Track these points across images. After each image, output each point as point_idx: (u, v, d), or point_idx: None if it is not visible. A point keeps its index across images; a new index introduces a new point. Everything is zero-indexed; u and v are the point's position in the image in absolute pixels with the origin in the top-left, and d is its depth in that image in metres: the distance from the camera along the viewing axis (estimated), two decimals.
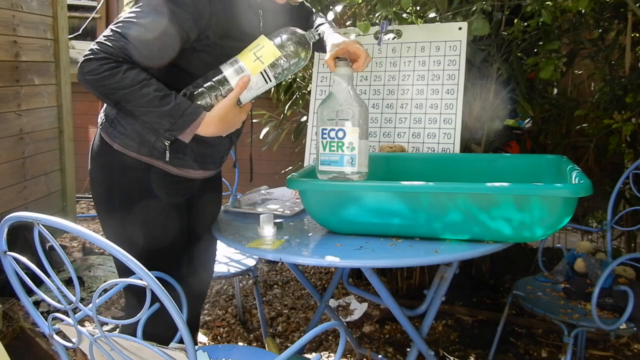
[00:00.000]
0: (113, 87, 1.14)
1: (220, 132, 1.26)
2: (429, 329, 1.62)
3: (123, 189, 1.32)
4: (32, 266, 0.89)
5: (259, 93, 1.31)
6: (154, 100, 1.15)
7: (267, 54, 1.25)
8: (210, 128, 1.23)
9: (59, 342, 0.98)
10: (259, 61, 1.25)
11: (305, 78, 3.04)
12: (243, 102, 1.29)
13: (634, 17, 2.39)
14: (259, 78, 1.27)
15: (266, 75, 1.27)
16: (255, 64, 1.25)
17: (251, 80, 1.26)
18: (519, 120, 2.74)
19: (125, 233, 1.32)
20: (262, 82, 1.28)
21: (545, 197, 1.24)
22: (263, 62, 1.25)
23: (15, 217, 0.87)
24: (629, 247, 2.69)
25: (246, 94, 1.28)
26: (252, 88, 1.27)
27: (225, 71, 1.25)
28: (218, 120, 1.23)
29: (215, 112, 1.23)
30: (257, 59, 1.25)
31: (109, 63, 1.13)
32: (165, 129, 1.19)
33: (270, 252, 1.33)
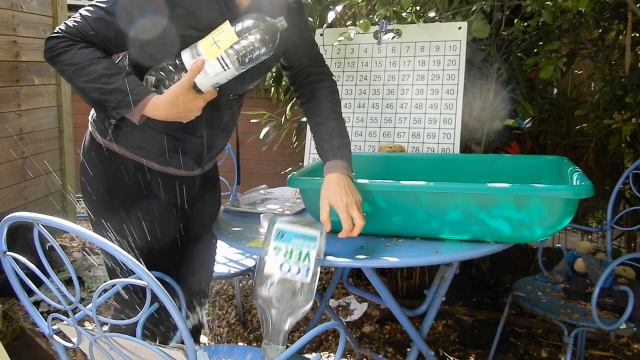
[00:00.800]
0: (66, 64, 1.18)
1: (171, 116, 1.21)
2: (429, 329, 1.62)
3: (108, 184, 1.34)
4: (32, 266, 0.88)
5: (219, 80, 1.22)
6: (102, 78, 1.17)
7: (225, 39, 1.17)
8: (158, 110, 1.19)
9: (59, 342, 0.98)
10: (215, 46, 1.17)
11: None
12: (201, 88, 1.21)
13: (634, 17, 2.39)
14: (215, 63, 1.18)
15: (223, 61, 1.18)
16: (212, 49, 1.18)
17: (207, 65, 1.18)
18: (519, 120, 2.74)
19: (113, 229, 1.32)
20: (219, 68, 1.19)
21: (545, 198, 1.24)
22: (220, 47, 1.17)
23: (15, 217, 0.87)
24: (629, 247, 2.68)
25: (203, 80, 1.20)
26: (209, 74, 1.19)
27: (183, 55, 1.20)
28: (167, 103, 1.18)
29: (165, 94, 1.19)
30: (214, 43, 1.18)
31: (66, 41, 1.18)
32: (111, 107, 1.20)
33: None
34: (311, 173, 1.54)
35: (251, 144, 3.90)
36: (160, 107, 1.18)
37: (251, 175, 4.33)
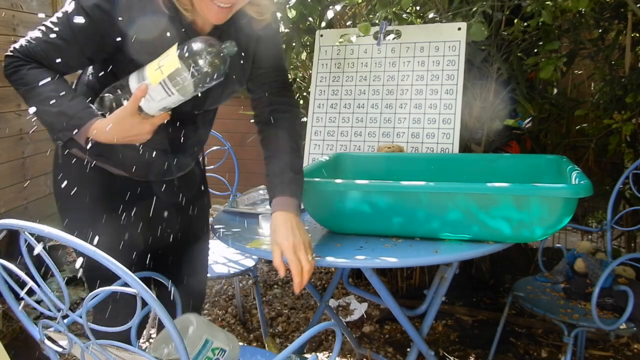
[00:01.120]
0: (18, 83, 1.19)
1: (118, 139, 1.17)
2: (429, 329, 1.62)
3: (78, 192, 1.33)
4: (21, 274, 0.88)
5: (166, 105, 1.15)
6: (48, 100, 1.16)
7: (168, 64, 1.10)
8: (103, 135, 1.16)
9: (51, 348, 0.98)
10: (159, 70, 1.11)
11: (305, 78, 3.04)
12: (148, 112, 1.15)
13: (634, 17, 2.39)
14: (160, 89, 1.11)
15: (166, 86, 1.11)
16: (156, 74, 1.11)
17: (151, 90, 1.12)
18: (519, 120, 2.74)
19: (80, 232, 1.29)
20: (163, 93, 1.12)
21: (545, 198, 1.24)
22: (163, 72, 1.10)
23: (3, 224, 0.87)
24: (629, 247, 2.68)
25: (149, 104, 1.14)
26: (154, 99, 1.13)
27: (130, 78, 1.16)
28: (113, 126, 1.15)
29: (109, 118, 1.16)
30: (158, 67, 1.11)
31: (17, 61, 1.18)
32: (58, 129, 1.19)
33: (271, 252, 1.33)
34: (311, 174, 1.54)
35: (251, 144, 3.89)
36: (105, 132, 1.16)
37: (251, 175, 4.33)
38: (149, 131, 1.17)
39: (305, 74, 2.99)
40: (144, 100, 1.13)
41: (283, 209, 1.25)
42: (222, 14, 1.15)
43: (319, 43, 2.18)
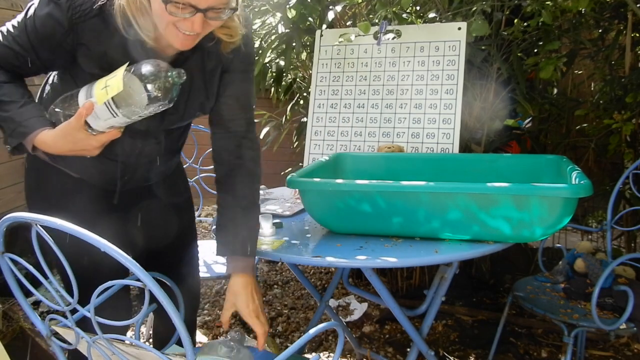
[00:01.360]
0: None
1: (63, 152, 1.15)
2: (429, 329, 1.62)
3: (47, 195, 1.31)
4: (30, 267, 0.88)
5: (113, 124, 1.11)
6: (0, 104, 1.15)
7: (113, 86, 1.05)
8: (47, 146, 1.14)
9: (57, 343, 0.98)
10: (105, 90, 1.06)
11: (305, 78, 3.04)
12: (95, 128, 1.12)
13: (634, 17, 2.39)
14: (104, 109, 1.07)
15: (111, 108, 1.07)
16: (102, 93, 1.07)
17: (97, 109, 1.08)
18: (519, 120, 2.74)
19: None
20: (108, 113, 1.08)
21: (545, 198, 1.24)
22: (108, 92, 1.05)
23: (13, 217, 0.87)
24: (629, 247, 2.68)
25: (95, 122, 1.11)
26: (100, 117, 1.09)
27: (80, 93, 1.13)
28: (57, 140, 1.13)
29: (55, 131, 1.14)
30: (105, 87, 1.07)
31: None
32: (7, 134, 1.17)
33: (270, 252, 1.33)
34: (310, 174, 1.55)
35: None
36: (49, 143, 1.14)
37: None
38: (96, 147, 1.15)
39: (305, 74, 3.00)
40: (90, 117, 1.10)
41: (241, 272, 1.27)
42: (188, 40, 1.10)
43: (319, 43, 2.18)
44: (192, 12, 1.03)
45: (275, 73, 2.89)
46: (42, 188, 1.32)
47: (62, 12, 1.10)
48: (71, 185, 1.30)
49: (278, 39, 2.61)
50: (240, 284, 1.26)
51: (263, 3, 2.58)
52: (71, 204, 1.30)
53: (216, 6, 1.05)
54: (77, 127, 1.10)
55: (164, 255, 1.48)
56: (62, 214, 0.94)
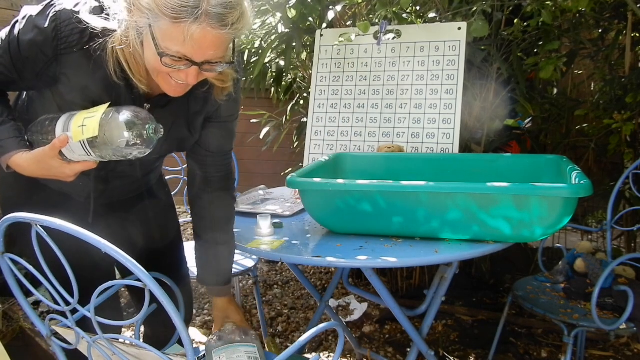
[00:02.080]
0: None
1: (37, 175, 1.14)
2: (429, 329, 1.62)
3: (24, 202, 1.29)
4: (30, 267, 0.88)
5: (89, 159, 1.11)
6: None
7: (89, 127, 1.03)
8: (22, 169, 1.13)
9: (57, 343, 0.98)
10: (81, 129, 1.04)
11: (305, 78, 3.04)
12: (70, 158, 1.11)
13: (634, 17, 2.39)
14: (79, 146, 1.06)
15: (86, 147, 1.06)
16: (78, 131, 1.05)
17: (72, 144, 1.07)
18: (519, 120, 2.74)
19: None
20: (83, 151, 1.07)
21: (545, 198, 1.24)
22: (84, 132, 1.04)
23: (14, 217, 0.87)
24: (629, 247, 2.68)
25: (70, 154, 1.10)
26: (74, 152, 1.09)
27: (59, 120, 1.11)
28: (31, 165, 1.12)
29: (29, 155, 1.12)
30: (82, 126, 1.05)
31: None
32: None
33: (270, 252, 1.34)
34: (310, 174, 1.55)
35: (251, 144, 3.90)
36: (24, 167, 1.12)
37: (251, 175, 4.33)
38: (70, 175, 1.13)
39: (305, 74, 3.00)
40: (66, 148, 1.09)
41: (224, 296, 1.40)
42: (180, 88, 1.09)
43: (319, 43, 2.18)
44: (187, 64, 1.01)
45: (275, 73, 2.89)
46: (19, 197, 1.30)
47: (46, 41, 1.07)
48: (53, 197, 1.29)
49: (278, 39, 2.61)
50: (226, 302, 1.40)
51: (263, 3, 2.58)
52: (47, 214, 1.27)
53: (212, 60, 1.03)
54: (51, 156, 1.09)
55: (152, 261, 1.44)
56: None
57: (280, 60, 2.87)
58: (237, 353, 1.19)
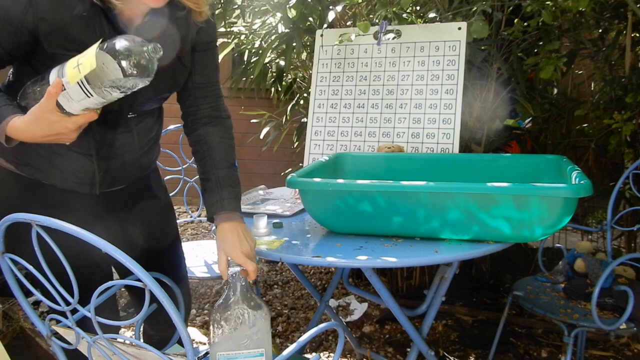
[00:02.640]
0: None
1: (36, 138, 1.08)
2: (429, 329, 1.62)
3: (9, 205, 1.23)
4: (30, 267, 0.88)
5: (88, 105, 1.05)
6: None
7: (86, 63, 0.99)
8: (20, 133, 1.08)
9: (57, 343, 0.98)
10: (77, 69, 1.00)
11: (305, 78, 3.05)
12: (69, 111, 1.05)
13: (634, 17, 2.39)
14: (77, 89, 1.01)
15: (84, 87, 1.00)
16: (74, 72, 1.00)
17: (70, 89, 1.02)
18: (519, 120, 2.74)
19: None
20: (82, 94, 1.01)
21: (545, 198, 1.24)
22: (80, 71, 0.99)
23: (14, 217, 0.87)
24: (629, 247, 2.68)
25: (68, 103, 1.04)
26: (73, 98, 1.03)
27: (51, 74, 1.06)
28: (31, 124, 1.06)
29: (26, 116, 1.07)
30: (77, 65, 1.00)
31: None
32: None
33: (270, 252, 1.33)
34: (310, 174, 1.55)
35: (251, 144, 3.90)
36: (22, 130, 1.07)
37: (251, 175, 4.34)
38: (72, 130, 1.08)
39: (305, 74, 3.00)
40: (63, 98, 1.03)
41: (226, 220, 1.27)
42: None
43: (319, 43, 2.18)
44: None
45: (276, 73, 2.89)
46: (18, 198, 1.25)
47: None
48: (53, 197, 1.25)
49: (278, 39, 2.61)
50: (227, 229, 1.26)
51: (263, 3, 2.58)
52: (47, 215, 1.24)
53: None
54: (49, 109, 1.04)
55: (151, 261, 1.40)
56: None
57: (280, 60, 2.87)
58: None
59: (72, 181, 1.25)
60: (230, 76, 3.87)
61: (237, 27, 3.03)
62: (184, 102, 1.39)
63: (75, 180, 1.25)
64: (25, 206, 1.20)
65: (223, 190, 1.31)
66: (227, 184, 1.32)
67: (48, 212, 0.94)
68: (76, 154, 1.22)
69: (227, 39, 3.05)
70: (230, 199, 1.31)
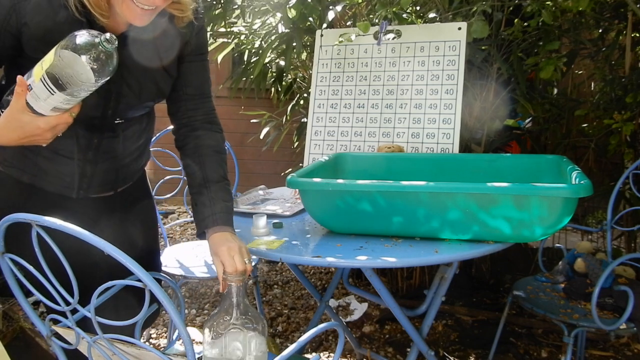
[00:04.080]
0: None
1: (13, 139, 1.07)
2: (429, 329, 1.62)
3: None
4: (30, 267, 0.88)
5: (56, 105, 1.03)
6: None
7: (46, 59, 0.99)
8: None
9: (57, 343, 0.98)
10: (40, 65, 1.00)
11: (305, 78, 3.05)
12: (40, 112, 1.04)
13: (634, 17, 2.39)
14: (41, 86, 1.00)
15: (46, 83, 0.99)
16: (37, 69, 1.00)
17: (35, 88, 1.01)
18: (519, 120, 2.74)
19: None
20: (45, 92, 1.00)
21: (545, 198, 1.24)
22: (42, 67, 0.99)
23: (14, 217, 0.87)
24: (629, 247, 2.68)
25: (37, 103, 1.03)
26: (40, 97, 1.02)
27: (25, 77, 1.06)
28: (3, 127, 1.06)
29: (1, 119, 1.07)
30: (41, 62, 1.00)
31: None
32: None
33: (270, 252, 1.34)
34: (310, 174, 1.55)
35: (251, 144, 3.90)
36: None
37: (251, 175, 4.34)
38: (45, 130, 1.07)
39: (305, 74, 3.00)
40: (32, 98, 1.03)
41: (219, 231, 1.24)
42: (145, 16, 1.08)
43: (319, 43, 2.18)
44: None
45: (276, 73, 2.89)
46: (15, 201, 1.24)
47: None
48: (47, 200, 1.24)
49: (278, 39, 2.61)
50: (218, 238, 1.22)
51: (263, 3, 2.58)
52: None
53: None
54: (19, 109, 1.04)
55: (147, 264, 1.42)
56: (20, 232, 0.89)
57: (280, 60, 2.87)
58: None
59: (58, 185, 1.25)
60: (230, 76, 3.87)
61: (237, 27, 3.03)
62: (175, 115, 1.36)
63: (61, 184, 1.25)
64: (25, 206, 1.20)
65: (216, 205, 1.27)
66: (220, 199, 1.28)
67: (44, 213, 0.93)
68: (61, 157, 1.21)
69: (227, 39, 3.05)
70: (223, 214, 1.27)
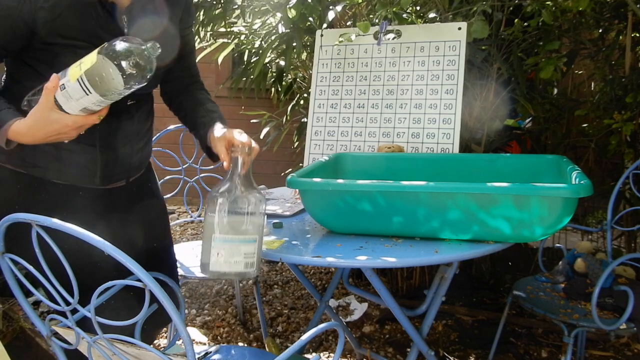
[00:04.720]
0: None
1: (38, 140, 1.10)
2: (429, 329, 1.62)
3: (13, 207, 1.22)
4: (30, 267, 0.88)
5: (86, 105, 1.07)
6: None
7: (87, 61, 1.04)
8: (22, 137, 1.09)
9: (57, 343, 0.98)
10: (78, 67, 1.05)
11: (305, 78, 3.05)
12: (68, 111, 1.08)
13: (634, 17, 2.39)
14: (77, 86, 1.04)
15: (83, 84, 1.04)
16: (75, 70, 1.05)
17: (69, 87, 1.05)
18: (519, 120, 2.74)
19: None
20: (80, 92, 1.05)
21: (545, 198, 1.24)
22: (81, 68, 1.04)
23: (14, 217, 0.87)
24: (629, 247, 2.68)
25: (68, 103, 1.07)
26: (72, 97, 1.06)
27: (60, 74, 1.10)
28: (29, 128, 1.08)
29: (28, 117, 1.09)
30: (79, 64, 1.05)
31: None
32: None
33: (270, 252, 1.34)
34: (311, 174, 1.55)
35: None
36: (24, 132, 1.09)
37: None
38: (72, 128, 1.09)
39: (306, 74, 3.00)
40: (62, 97, 1.06)
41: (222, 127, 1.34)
42: None
43: (319, 43, 2.18)
44: None
45: (276, 73, 2.89)
46: (19, 197, 1.25)
47: None
48: (54, 196, 1.25)
49: (278, 39, 2.61)
50: (222, 129, 1.32)
51: (263, 3, 2.58)
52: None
53: None
54: (48, 106, 1.06)
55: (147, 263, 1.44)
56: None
57: (280, 60, 2.87)
58: (236, 257, 1.11)
59: (78, 174, 1.27)
60: (230, 76, 3.87)
61: (237, 27, 3.03)
62: (166, 84, 1.48)
63: (80, 173, 1.27)
64: (26, 206, 1.21)
65: (214, 114, 1.41)
66: (215, 113, 1.41)
67: (48, 211, 0.95)
68: (82, 145, 1.24)
69: (227, 39, 3.05)
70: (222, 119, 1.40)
